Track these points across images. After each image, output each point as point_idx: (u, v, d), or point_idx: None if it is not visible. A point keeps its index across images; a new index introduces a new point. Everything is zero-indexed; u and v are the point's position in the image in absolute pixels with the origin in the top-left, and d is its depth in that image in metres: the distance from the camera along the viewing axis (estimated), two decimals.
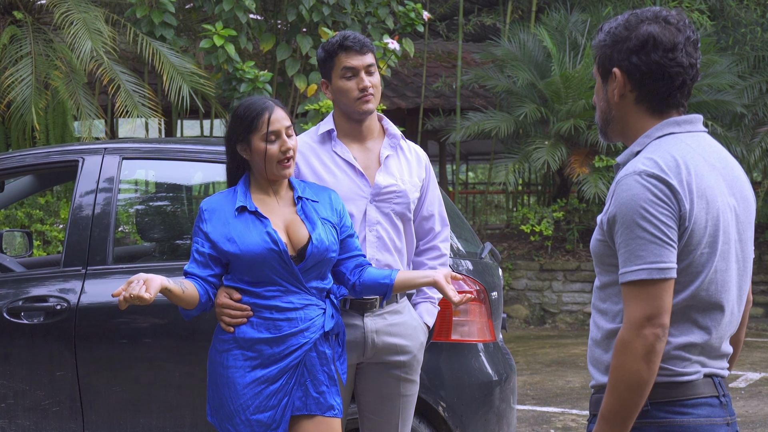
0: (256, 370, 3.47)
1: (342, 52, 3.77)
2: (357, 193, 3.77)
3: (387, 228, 3.80)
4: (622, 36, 2.41)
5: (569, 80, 12.75)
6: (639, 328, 2.25)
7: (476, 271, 4.61)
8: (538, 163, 12.78)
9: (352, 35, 3.81)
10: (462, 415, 4.39)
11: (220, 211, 3.53)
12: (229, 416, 3.48)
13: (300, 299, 3.50)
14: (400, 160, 3.88)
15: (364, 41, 3.81)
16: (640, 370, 2.25)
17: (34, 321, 4.36)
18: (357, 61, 3.77)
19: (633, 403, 2.28)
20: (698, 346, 2.35)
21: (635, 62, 2.38)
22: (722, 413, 2.37)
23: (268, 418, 3.46)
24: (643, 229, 2.26)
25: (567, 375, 9.43)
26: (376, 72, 3.85)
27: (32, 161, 4.78)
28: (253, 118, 3.50)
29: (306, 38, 10.67)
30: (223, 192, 3.61)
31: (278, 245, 3.44)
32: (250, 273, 3.48)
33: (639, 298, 2.27)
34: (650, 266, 2.26)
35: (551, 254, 13.66)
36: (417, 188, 3.88)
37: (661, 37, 2.36)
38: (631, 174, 2.31)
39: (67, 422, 4.35)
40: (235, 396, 3.47)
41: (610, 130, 2.51)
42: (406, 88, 15.34)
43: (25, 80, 9.77)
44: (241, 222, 3.49)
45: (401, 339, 3.81)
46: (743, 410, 7.83)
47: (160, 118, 11.18)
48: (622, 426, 2.30)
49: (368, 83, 3.76)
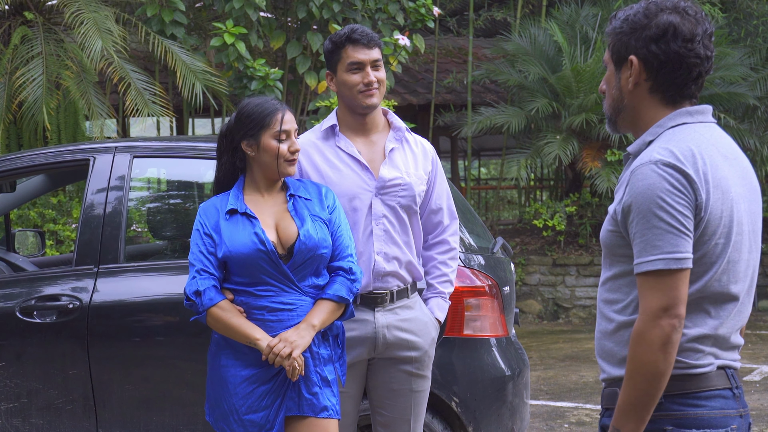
0: (248, 369, 3.48)
1: (349, 44, 3.75)
2: (362, 186, 3.76)
3: (393, 221, 3.78)
4: (641, 24, 2.38)
5: (580, 74, 12.71)
6: (656, 319, 2.24)
7: (488, 266, 4.60)
8: (549, 157, 12.76)
9: (360, 28, 3.79)
10: (475, 411, 4.38)
11: (214, 213, 3.55)
12: (223, 415, 3.50)
13: (292, 299, 3.48)
14: (406, 152, 3.86)
15: (371, 35, 3.79)
16: (657, 360, 2.24)
17: (47, 320, 4.37)
18: (364, 55, 3.75)
19: (651, 395, 2.27)
20: (711, 338, 2.33)
21: (654, 51, 2.36)
22: (735, 405, 2.35)
23: (262, 418, 3.46)
24: (660, 219, 2.24)
25: (581, 370, 9.41)
26: (383, 67, 3.83)
27: (43, 161, 4.79)
28: (266, 115, 3.51)
29: (316, 35, 10.67)
30: (219, 195, 3.63)
31: (266, 245, 3.44)
32: (242, 273, 3.48)
33: (656, 289, 2.25)
34: (667, 256, 2.24)
35: (564, 249, 13.63)
36: (423, 181, 3.85)
37: (681, 27, 2.34)
38: (647, 163, 2.29)
39: (81, 421, 4.36)
40: (229, 395, 3.48)
41: (620, 119, 2.48)
42: (417, 84, 15.32)
43: (36, 80, 9.80)
44: (231, 224, 3.50)
45: (412, 335, 3.80)
46: (758, 403, 7.80)
47: (172, 116, 11.19)
48: (640, 418, 2.29)
49: (373, 78, 3.75)
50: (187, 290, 3.48)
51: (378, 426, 3.91)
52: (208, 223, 3.53)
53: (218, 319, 3.44)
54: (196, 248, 3.50)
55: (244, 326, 3.43)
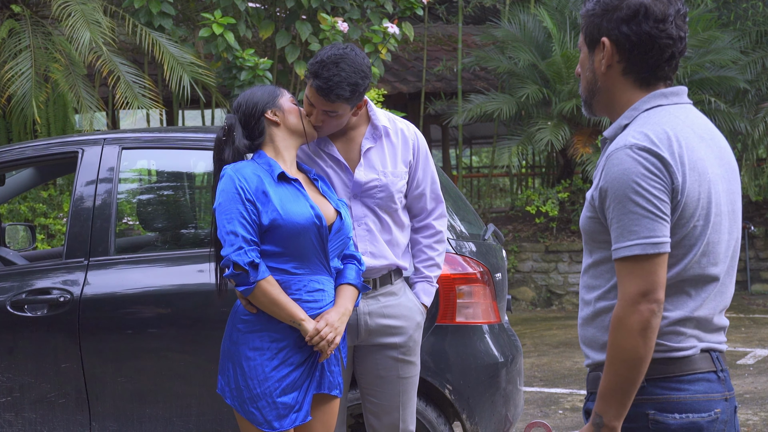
0: (283, 351, 3.44)
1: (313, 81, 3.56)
2: (342, 188, 3.74)
3: (375, 221, 3.77)
4: (612, 5, 2.35)
5: (570, 60, 12.70)
6: (634, 304, 2.22)
7: (479, 252, 4.59)
8: (541, 144, 12.76)
9: (329, 74, 3.52)
10: (468, 398, 4.38)
11: (253, 178, 3.42)
12: (253, 399, 3.42)
13: (325, 279, 3.50)
14: (384, 149, 3.78)
15: (337, 89, 3.53)
16: (636, 346, 2.22)
17: (38, 313, 4.35)
18: (321, 104, 3.58)
19: (631, 380, 2.25)
20: (693, 320, 2.31)
21: (625, 32, 2.33)
22: (720, 388, 2.33)
23: (293, 399, 3.45)
24: (636, 204, 2.22)
25: (574, 356, 9.42)
26: (339, 117, 3.63)
27: (32, 153, 4.76)
28: (275, 88, 3.61)
29: (305, 25, 10.63)
30: (246, 161, 3.51)
31: (321, 220, 3.43)
32: (285, 245, 3.41)
33: (634, 274, 2.23)
34: (644, 241, 2.22)
35: (556, 235, 13.64)
36: (402, 176, 3.79)
37: (653, 8, 2.31)
38: (621, 148, 2.26)
39: (74, 414, 4.35)
40: (263, 379, 3.41)
41: (595, 102, 2.46)
42: (407, 72, 15.30)
43: (24, 74, 9.74)
44: (282, 190, 3.44)
45: (396, 320, 3.80)
46: (752, 387, 7.82)
47: (161, 108, 11.15)
48: (622, 403, 2.27)
49: (319, 122, 3.61)
50: (237, 259, 3.33)
51: (368, 414, 3.91)
52: (249, 188, 3.40)
53: (267, 293, 3.37)
54: (238, 214, 3.36)
55: (291, 305, 3.40)
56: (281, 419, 3.42)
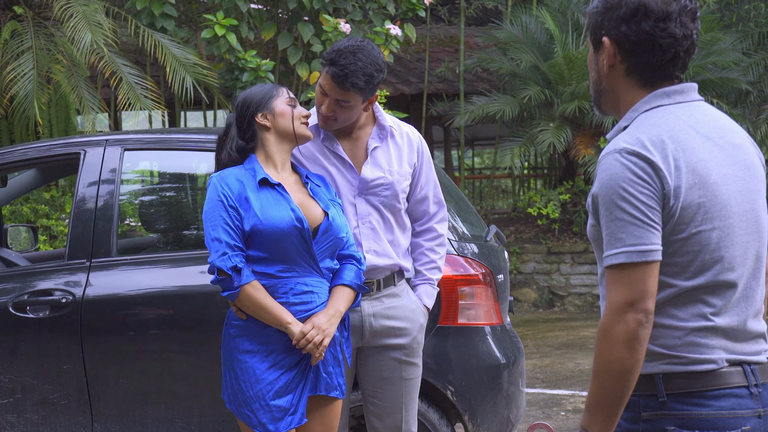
0: (272, 355, 3.45)
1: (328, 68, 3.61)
2: (347, 186, 3.75)
3: (379, 219, 3.77)
4: (612, 3, 2.26)
5: (572, 61, 12.70)
6: (620, 314, 2.12)
7: (482, 254, 4.59)
8: (543, 145, 12.75)
9: (346, 62, 3.57)
10: (470, 399, 4.38)
11: (236, 184, 3.46)
12: (247, 402, 3.43)
13: (314, 281, 3.49)
14: (390, 149, 3.81)
15: (352, 77, 3.58)
16: (621, 357, 2.12)
17: (40, 315, 4.35)
18: (334, 92, 3.60)
19: (617, 393, 2.15)
20: (716, 330, 2.20)
21: (625, 31, 2.24)
22: (753, 404, 2.20)
23: (287, 402, 3.45)
24: (623, 210, 2.13)
25: (577, 357, 9.42)
26: (350, 109, 3.65)
27: (34, 155, 4.76)
28: (272, 88, 3.60)
29: (307, 26, 10.63)
30: (233, 168, 3.55)
31: (302, 223, 3.43)
32: (268, 250, 3.42)
33: (620, 283, 2.13)
34: (630, 249, 2.13)
35: (558, 237, 13.63)
36: (407, 176, 3.81)
37: (653, 6, 2.22)
38: (611, 152, 2.18)
39: (76, 415, 4.35)
40: (254, 381, 3.43)
41: (602, 102, 2.38)
42: (409, 73, 15.30)
43: (27, 75, 9.75)
44: (263, 195, 3.45)
45: (399, 321, 3.80)
46: None
47: (163, 110, 11.16)
48: (607, 417, 2.17)
49: (330, 112, 3.63)
50: (221, 265, 3.37)
51: (370, 415, 3.90)
52: (232, 195, 3.44)
53: (251, 297, 3.39)
54: (222, 221, 3.40)
55: (276, 308, 3.40)
56: (276, 422, 3.43)
